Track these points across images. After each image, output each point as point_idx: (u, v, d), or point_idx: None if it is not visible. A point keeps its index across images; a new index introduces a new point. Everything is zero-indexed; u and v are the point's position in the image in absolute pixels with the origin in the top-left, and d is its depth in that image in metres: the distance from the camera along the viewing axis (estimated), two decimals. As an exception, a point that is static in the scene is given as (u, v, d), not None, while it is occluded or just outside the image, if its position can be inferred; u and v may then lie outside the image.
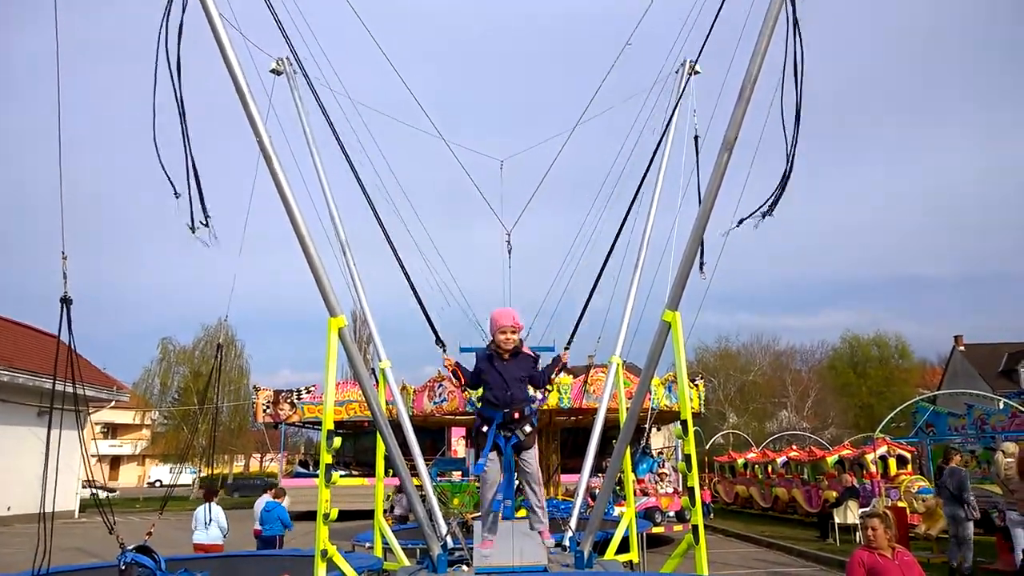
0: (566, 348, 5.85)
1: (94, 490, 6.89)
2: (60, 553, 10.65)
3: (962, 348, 45.71)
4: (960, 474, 10.60)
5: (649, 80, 7.84)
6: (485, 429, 4.47)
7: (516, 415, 4.39)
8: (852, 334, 51.85)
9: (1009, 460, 11.02)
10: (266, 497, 11.76)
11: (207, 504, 10.66)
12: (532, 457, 4.40)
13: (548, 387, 4.87)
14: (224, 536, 10.68)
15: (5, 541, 16.43)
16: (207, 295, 74.93)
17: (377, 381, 7.89)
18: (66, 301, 5.09)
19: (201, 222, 5.19)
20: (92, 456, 6.39)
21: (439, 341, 6.11)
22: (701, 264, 6.46)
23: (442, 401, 17.00)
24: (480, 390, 5.15)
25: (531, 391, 5.11)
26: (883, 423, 16.08)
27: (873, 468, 15.17)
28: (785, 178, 4.82)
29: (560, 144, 7.04)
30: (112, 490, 35.07)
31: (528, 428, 4.41)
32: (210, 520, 10.46)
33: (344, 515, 11.99)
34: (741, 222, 4.96)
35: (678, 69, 8.13)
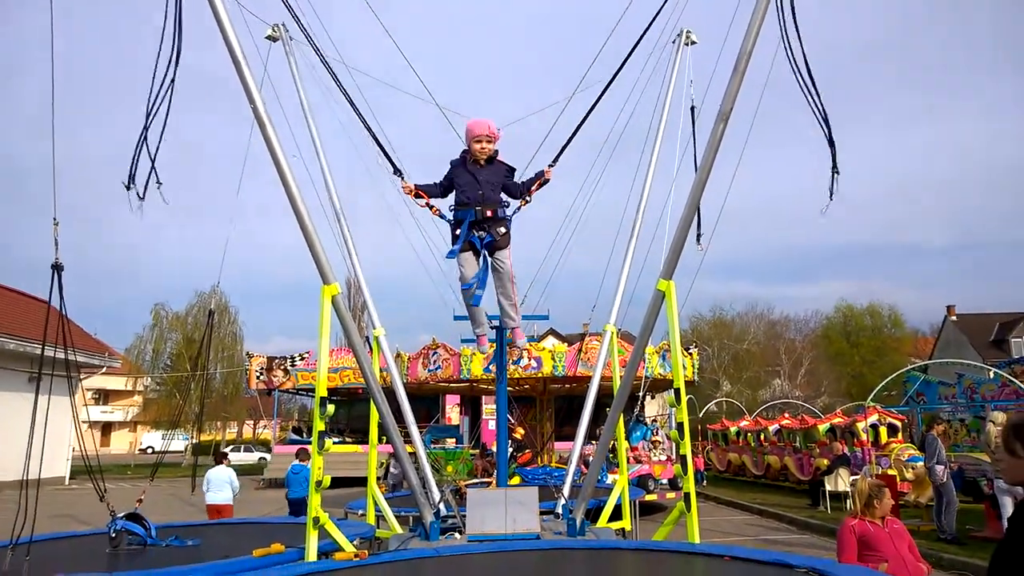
0: (551, 165, 5.58)
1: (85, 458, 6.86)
2: (50, 520, 10.70)
3: (954, 318, 46.05)
4: (928, 440, 10.98)
5: (645, 50, 7.68)
6: (459, 232, 4.48)
7: (489, 213, 4.40)
8: (846, 303, 52.11)
9: (999, 429, 11.16)
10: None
11: (218, 466, 11.21)
12: (505, 256, 4.46)
13: (527, 199, 4.81)
14: (235, 496, 11.22)
15: (-3, 506, 16.53)
16: (201, 261, 74.73)
17: (371, 348, 7.85)
18: (57, 267, 5.02)
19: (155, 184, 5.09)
20: (83, 422, 6.34)
21: (396, 170, 5.78)
22: (699, 235, 6.41)
23: (436, 369, 17.04)
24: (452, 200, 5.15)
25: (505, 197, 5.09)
26: (874, 392, 16.20)
27: (864, 436, 15.30)
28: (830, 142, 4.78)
29: (556, 112, 6.90)
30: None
31: (502, 229, 4.44)
32: (221, 482, 10.99)
33: (337, 482, 12.05)
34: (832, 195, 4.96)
35: (675, 39, 8.00)
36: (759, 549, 5.78)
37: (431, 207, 5.37)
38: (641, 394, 11.23)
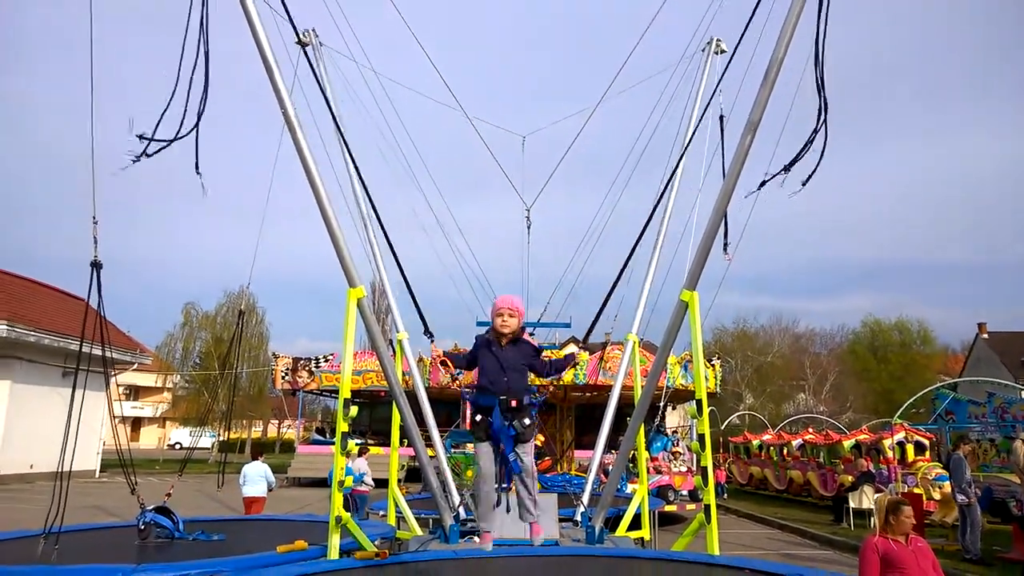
0: (583, 347, 5.69)
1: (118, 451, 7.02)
2: (80, 511, 10.95)
3: (985, 336, 45.04)
4: (954, 460, 10.82)
5: (674, 58, 7.72)
6: (479, 418, 4.20)
7: (514, 403, 4.11)
8: (873, 318, 51.23)
9: (1027, 450, 11.01)
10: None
11: (255, 461, 11.73)
12: (528, 452, 4.12)
13: (556, 381, 4.61)
14: (270, 490, 11.73)
15: (27, 498, 16.92)
16: (231, 262, 75.87)
17: (394, 352, 7.95)
18: (96, 265, 5.16)
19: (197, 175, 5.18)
20: (116, 417, 6.52)
21: (427, 332, 6.01)
22: (725, 244, 6.40)
23: (459, 374, 17.09)
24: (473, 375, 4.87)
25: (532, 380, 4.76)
26: (902, 408, 15.94)
27: (890, 453, 15.06)
28: (812, 136, 4.64)
29: (582, 121, 6.97)
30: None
31: (527, 420, 4.12)
32: (257, 476, 11.52)
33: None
34: (763, 184, 4.82)
35: (704, 47, 8.01)
36: (779, 563, 5.75)
37: (454, 379, 5.24)
38: (662, 404, 11.20)
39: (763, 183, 4.75)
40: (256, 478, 11.51)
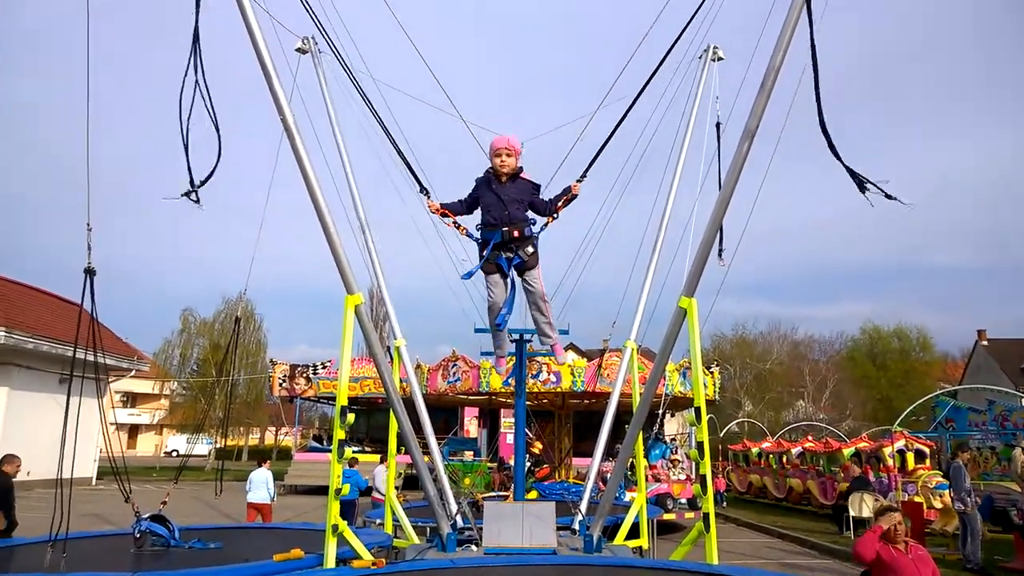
0: (579, 180, 5.38)
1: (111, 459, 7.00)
2: (77, 519, 10.87)
3: (985, 343, 45.05)
4: (953, 469, 10.82)
5: (671, 65, 7.72)
6: (485, 253, 4.34)
7: (516, 233, 4.23)
8: (873, 325, 51.25)
9: (1026, 459, 11.04)
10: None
11: (259, 468, 11.93)
12: (536, 277, 4.27)
13: (554, 215, 4.63)
14: (272, 498, 11.92)
15: (26, 505, 16.81)
16: (228, 268, 75.85)
17: (392, 359, 7.93)
18: (90, 272, 5.14)
19: (194, 192, 5.15)
20: (111, 424, 6.49)
21: (423, 188, 5.72)
22: (720, 251, 6.40)
23: (456, 381, 17.10)
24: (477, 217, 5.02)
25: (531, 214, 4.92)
26: (902, 416, 15.92)
27: (890, 462, 15.02)
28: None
29: (580, 128, 6.95)
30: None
31: (531, 248, 4.26)
32: (261, 482, 11.72)
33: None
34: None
35: (701, 55, 8.03)
36: (779, 573, 5.72)
37: (458, 226, 5.29)
38: (660, 412, 11.17)
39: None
40: (262, 484, 11.68)
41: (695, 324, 5.33)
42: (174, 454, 50.20)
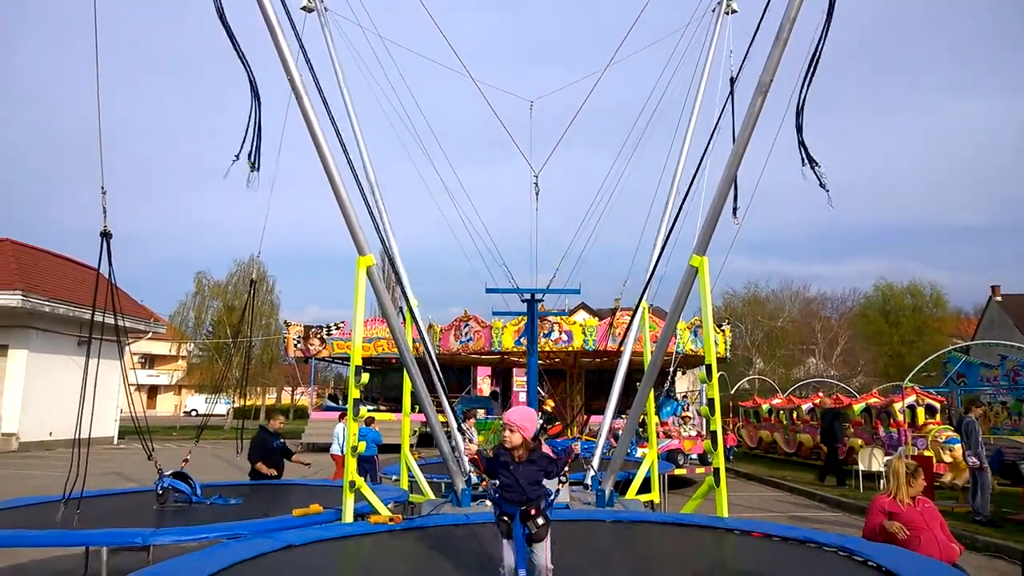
0: (575, 440, 5.66)
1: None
2: (99, 477, 11.21)
3: (999, 298, 44.64)
4: (966, 423, 10.87)
5: (684, 19, 7.55)
6: (506, 519, 4.51)
7: (533, 511, 4.39)
8: (886, 282, 50.84)
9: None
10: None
11: (340, 424, 12.49)
12: (543, 549, 4.36)
13: (562, 481, 4.76)
14: (341, 451, 12.08)
15: (48, 464, 17.29)
16: (241, 230, 76.15)
17: (404, 319, 7.99)
18: (106, 235, 5.19)
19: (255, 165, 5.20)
20: (131, 385, 6.61)
21: (461, 429, 6.08)
22: (735, 208, 6.34)
23: (468, 340, 17.21)
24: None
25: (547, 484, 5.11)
26: (913, 372, 15.91)
27: (900, 417, 15.08)
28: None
29: (591, 85, 6.86)
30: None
31: (541, 520, 4.36)
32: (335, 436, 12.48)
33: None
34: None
35: (714, 8, 7.84)
36: (788, 525, 5.80)
37: (482, 480, 5.42)
38: (672, 369, 11.24)
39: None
40: (335, 438, 12.23)
41: (706, 282, 5.33)
42: (193, 413, 51.12)
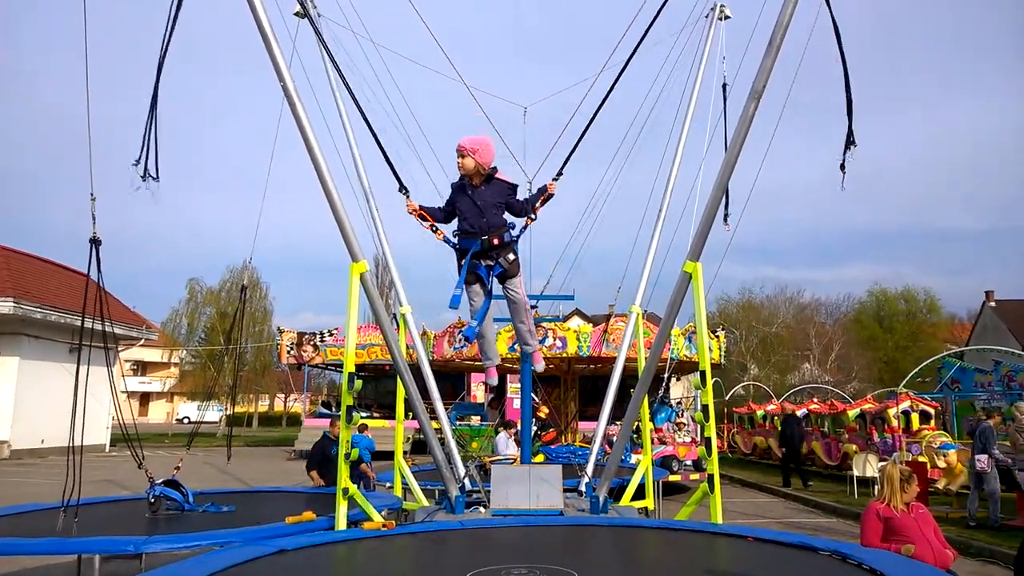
0: (555, 178, 5.22)
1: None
2: (90, 485, 11.09)
3: (993, 304, 44.83)
4: (982, 430, 10.92)
5: (678, 24, 7.57)
6: (464, 263, 4.28)
7: (495, 241, 4.16)
8: (879, 287, 51.06)
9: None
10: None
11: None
12: (518, 285, 4.21)
13: (532, 217, 4.53)
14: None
15: (41, 472, 17.16)
16: (234, 237, 75.97)
17: (398, 326, 7.96)
18: (95, 241, 5.16)
19: (151, 176, 5.17)
20: (121, 392, 6.57)
21: (402, 187, 5.59)
22: (726, 215, 6.36)
23: (462, 347, 17.15)
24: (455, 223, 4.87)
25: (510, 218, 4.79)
26: (908, 377, 15.94)
27: (895, 422, 15.11)
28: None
29: (584, 91, 6.85)
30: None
31: (511, 255, 4.20)
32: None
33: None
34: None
35: (707, 14, 7.87)
36: (782, 531, 5.79)
37: (436, 230, 5.03)
38: (666, 376, 11.22)
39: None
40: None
41: (700, 288, 5.32)
42: (185, 421, 50.87)
